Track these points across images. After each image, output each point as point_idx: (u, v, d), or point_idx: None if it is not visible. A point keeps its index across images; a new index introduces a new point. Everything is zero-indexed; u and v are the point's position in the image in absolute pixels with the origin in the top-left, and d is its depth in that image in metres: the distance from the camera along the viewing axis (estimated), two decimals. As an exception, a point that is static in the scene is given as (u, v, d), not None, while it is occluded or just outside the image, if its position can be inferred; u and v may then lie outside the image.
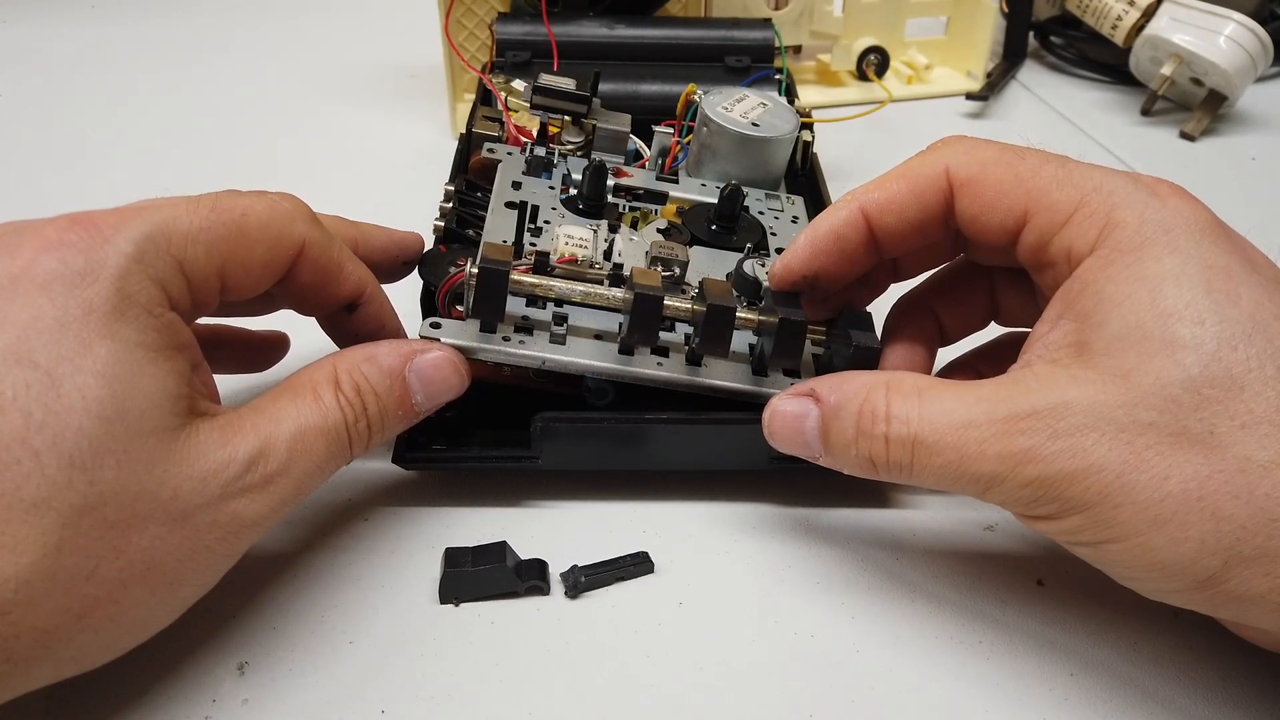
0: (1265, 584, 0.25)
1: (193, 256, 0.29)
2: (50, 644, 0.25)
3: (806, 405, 0.32)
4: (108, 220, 0.27)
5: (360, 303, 0.35)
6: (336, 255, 0.33)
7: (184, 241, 0.28)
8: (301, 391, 0.30)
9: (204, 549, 0.27)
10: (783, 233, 0.43)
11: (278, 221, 0.31)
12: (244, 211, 0.30)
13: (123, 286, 0.26)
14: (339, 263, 0.33)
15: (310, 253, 0.32)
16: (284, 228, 0.31)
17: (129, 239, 0.27)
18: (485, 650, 0.32)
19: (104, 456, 0.25)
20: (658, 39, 0.57)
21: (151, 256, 0.27)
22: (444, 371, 0.33)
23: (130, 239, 0.27)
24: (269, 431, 0.29)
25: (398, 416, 0.33)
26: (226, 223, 0.29)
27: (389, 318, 0.36)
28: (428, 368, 0.33)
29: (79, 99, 0.70)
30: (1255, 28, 0.66)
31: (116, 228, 0.27)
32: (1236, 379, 0.26)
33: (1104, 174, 0.31)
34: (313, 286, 0.33)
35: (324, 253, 0.32)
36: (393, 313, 0.36)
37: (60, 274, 0.26)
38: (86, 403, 0.25)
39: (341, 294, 0.34)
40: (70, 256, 0.26)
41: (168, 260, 0.28)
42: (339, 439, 0.31)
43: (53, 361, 0.25)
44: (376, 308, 0.35)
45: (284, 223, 0.31)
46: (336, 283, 0.33)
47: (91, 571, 0.25)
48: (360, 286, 0.34)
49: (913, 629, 0.33)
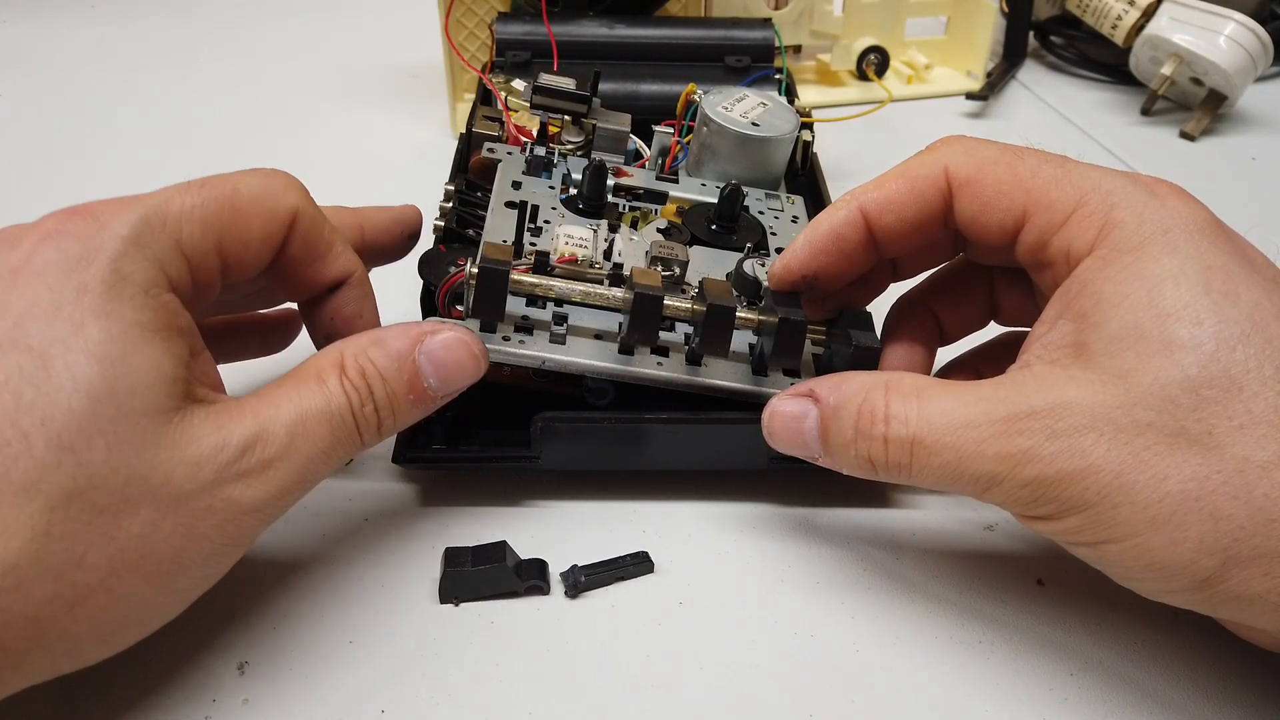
0: (1264, 584, 0.25)
1: (189, 234, 0.29)
2: (42, 634, 0.25)
3: (806, 406, 0.32)
4: (104, 208, 0.27)
5: (345, 284, 0.34)
6: (327, 233, 0.33)
7: (179, 220, 0.28)
8: (305, 377, 0.30)
9: (200, 536, 0.27)
10: (783, 233, 0.43)
11: (270, 193, 0.31)
12: (235, 186, 0.30)
13: (118, 267, 0.26)
14: (329, 240, 0.33)
15: (300, 224, 0.32)
16: (277, 198, 0.31)
17: (125, 222, 0.27)
18: (485, 650, 0.32)
19: (93, 437, 0.25)
20: (658, 39, 0.57)
21: (148, 238, 0.27)
22: (457, 353, 0.32)
23: (126, 222, 0.27)
24: (267, 416, 0.28)
25: (409, 401, 0.31)
26: (219, 198, 0.30)
27: (368, 307, 0.35)
28: (439, 349, 0.31)
29: (79, 99, 0.70)
30: (1255, 28, 0.66)
31: (113, 214, 0.27)
32: (1235, 379, 0.26)
33: (1103, 174, 0.31)
34: (301, 261, 0.33)
35: (314, 226, 0.32)
36: (374, 305, 0.35)
37: (57, 261, 0.26)
38: (76, 382, 0.25)
39: (330, 273, 0.34)
40: (67, 244, 0.26)
41: (164, 240, 0.28)
42: (344, 424, 0.30)
43: (45, 343, 0.25)
44: (359, 291, 0.34)
45: (276, 194, 0.31)
46: (325, 260, 0.33)
47: (81, 557, 0.25)
48: (348, 269, 0.34)
49: (913, 629, 0.33)
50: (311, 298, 0.35)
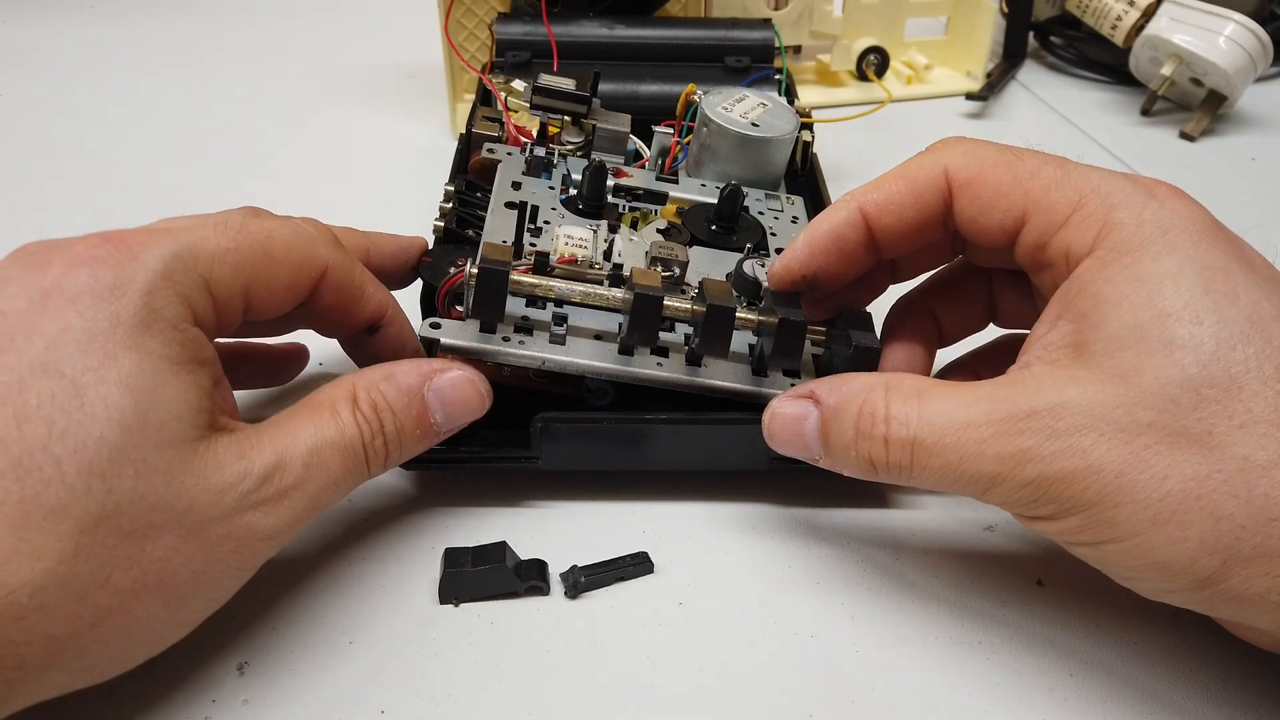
0: (1264, 583, 0.25)
1: (219, 276, 0.29)
2: (62, 652, 0.25)
3: (806, 407, 0.32)
4: (137, 238, 0.28)
5: (381, 324, 0.35)
6: (359, 279, 0.34)
7: (211, 261, 0.29)
8: (320, 409, 0.31)
9: (217, 561, 0.28)
10: (782, 233, 0.43)
11: (302, 245, 0.32)
12: (270, 234, 0.31)
13: (150, 301, 0.27)
14: (360, 285, 0.34)
15: (333, 276, 0.33)
16: (308, 251, 0.32)
17: (158, 256, 0.28)
18: (485, 650, 0.32)
19: (123, 465, 0.25)
20: (658, 39, 0.57)
21: (179, 274, 0.28)
22: (464, 391, 0.33)
23: (159, 256, 0.28)
24: (285, 446, 0.29)
25: (416, 435, 0.33)
26: (253, 244, 0.30)
27: (409, 338, 0.36)
28: (447, 387, 0.33)
29: (79, 99, 0.70)
30: (1255, 28, 0.66)
31: (146, 245, 0.28)
32: (1235, 379, 0.26)
33: (1102, 175, 0.31)
34: (335, 309, 0.34)
35: (346, 276, 0.33)
36: (413, 333, 0.37)
37: (90, 288, 0.26)
38: (109, 411, 0.25)
39: (363, 316, 0.35)
40: (100, 272, 0.27)
41: (194, 278, 0.29)
42: (355, 456, 0.31)
43: (78, 371, 0.25)
44: (397, 329, 0.36)
45: (308, 246, 0.32)
46: (359, 305, 0.34)
47: (105, 580, 0.25)
48: (381, 309, 0.35)
49: (913, 629, 0.33)
50: (350, 336, 0.36)
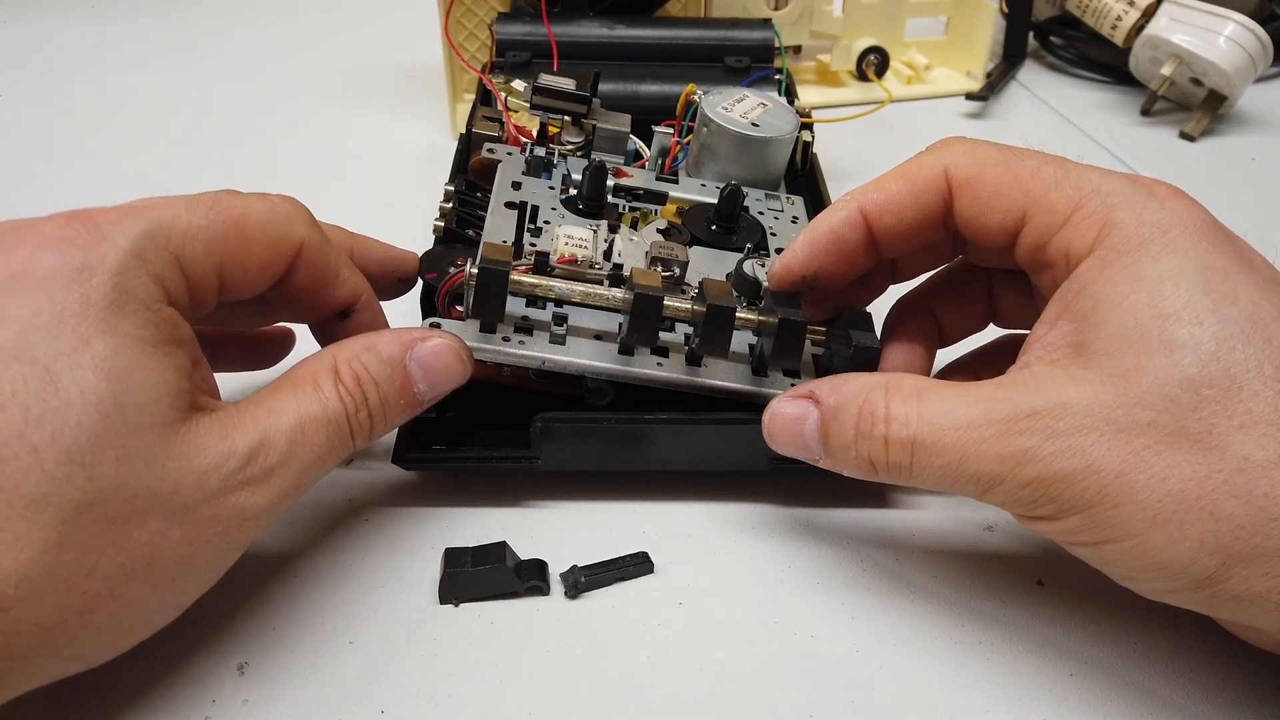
0: (1264, 583, 0.25)
1: (191, 254, 0.29)
2: (52, 640, 0.25)
3: (806, 407, 0.32)
4: (106, 217, 0.27)
5: (354, 310, 0.35)
6: (334, 260, 0.33)
7: (182, 239, 0.28)
8: (301, 383, 0.30)
9: (205, 544, 0.27)
10: (782, 233, 0.43)
11: (277, 222, 0.31)
12: (243, 211, 0.30)
13: (121, 281, 0.26)
14: (335, 268, 0.33)
15: (308, 255, 0.32)
16: (283, 228, 0.31)
17: (127, 235, 0.27)
18: (485, 650, 0.32)
19: (103, 451, 0.25)
20: (658, 39, 0.57)
21: (150, 253, 0.27)
22: (445, 359, 0.33)
23: (129, 235, 0.27)
24: (269, 424, 0.29)
25: (400, 406, 0.32)
26: (225, 221, 0.29)
27: (381, 325, 0.36)
28: (429, 355, 0.32)
29: (79, 99, 0.70)
30: (1255, 28, 0.66)
31: (115, 224, 0.27)
32: (1235, 379, 0.26)
33: (1102, 175, 0.31)
34: (308, 289, 0.33)
35: (321, 256, 0.33)
36: (386, 324, 0.36)
37: (59, 270, 0.26)
38: (85, 397, 0.25)
39: (336, 299, 0.34)
40: (69, 253, 0.26)
41: (166, 257, 0.28)
42: (339, 429, 0.30)
43: (51, 357, 0.25)
44: (370, 316, 0.35)
45: (283, 224, 0.31)
46: (332, 287, 0.33)
47: (92, 567, 0.25)
48: (355, 293, 0.34)
49: (913, 629, 0.33)
50: (321, 320, 0.35)
